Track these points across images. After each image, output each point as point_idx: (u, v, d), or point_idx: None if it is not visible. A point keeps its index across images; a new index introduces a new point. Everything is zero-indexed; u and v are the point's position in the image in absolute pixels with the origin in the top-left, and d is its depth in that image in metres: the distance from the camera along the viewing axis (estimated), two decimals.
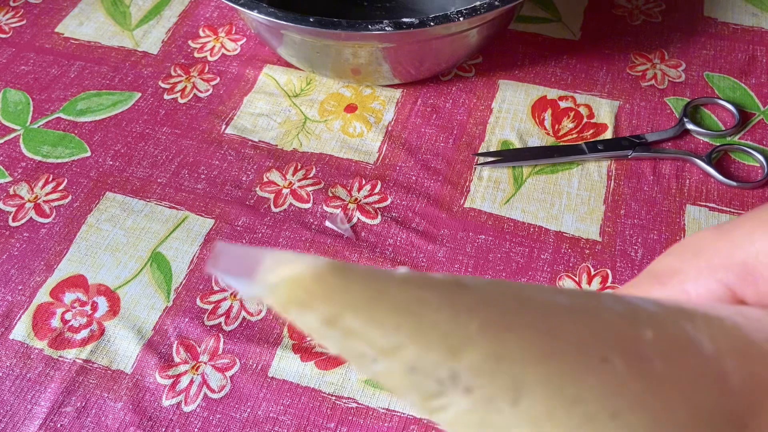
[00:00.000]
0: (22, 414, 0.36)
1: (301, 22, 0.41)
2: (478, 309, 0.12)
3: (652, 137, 0.46)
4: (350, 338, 0.12)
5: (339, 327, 0.12)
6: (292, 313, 0.12)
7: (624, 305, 0.14)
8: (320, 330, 0.12)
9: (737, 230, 0.17)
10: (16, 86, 0.51)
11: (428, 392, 0.12)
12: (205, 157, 0.46)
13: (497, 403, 0.12)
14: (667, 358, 0.13)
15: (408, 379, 0.12)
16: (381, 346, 0.12)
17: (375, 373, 0.12)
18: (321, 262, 0.12)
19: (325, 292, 0.12)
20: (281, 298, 0.12)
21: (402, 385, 0.12)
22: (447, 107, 0.49)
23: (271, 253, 0.12)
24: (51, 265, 0.41)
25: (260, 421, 0.35)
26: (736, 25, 0.53)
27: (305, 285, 0.12)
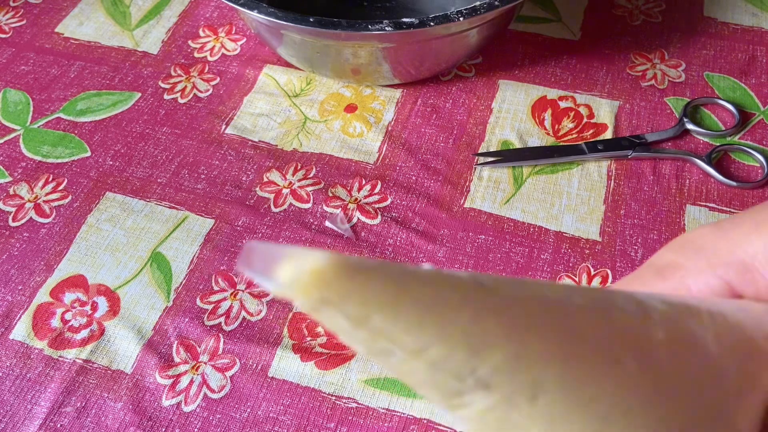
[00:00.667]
0: (22, 414, 0.36)
1: (301, 22, 0.41)
2: (499, 309, 0.13)
3: (652, 137, 0.46)
4: (378, 338, 0.12)
5: (367, 327, 0.12)
6: (322, 313, 0.12)
7: (635, 305, 0.14)
8: (349, 330, 0.12)
9: (736, 230, 0.18)
10: (16, 86, 0.51)
11: (450, 390, 0.13)
12: (205, 157, 0.46)
13: (516, 401, 0.13)
14: (675, 358, 0.14)
15: (431, 377, 0.13)
16: (407, 345, 0.12)
17: (400, 372, 0.13)
18: (343, 259, 0.12)
19: (352, 290, 0.12)
20: (307, 296, 0.12)
21: (425, 382, 0.13)
22: (447, 107, 0.49)
23: (297, 250, 0.12)
24: (51, 265, 0.41)
25: (260, 421, 0.35)
26: (736, 25, 0.53)
27: (330, 283, 0.12)
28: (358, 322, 0.12)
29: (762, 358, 0.16)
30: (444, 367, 0.12)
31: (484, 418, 0.13)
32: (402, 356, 0.12)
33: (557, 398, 0.13)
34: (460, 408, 0.13)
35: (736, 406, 0.15)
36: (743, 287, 0.17)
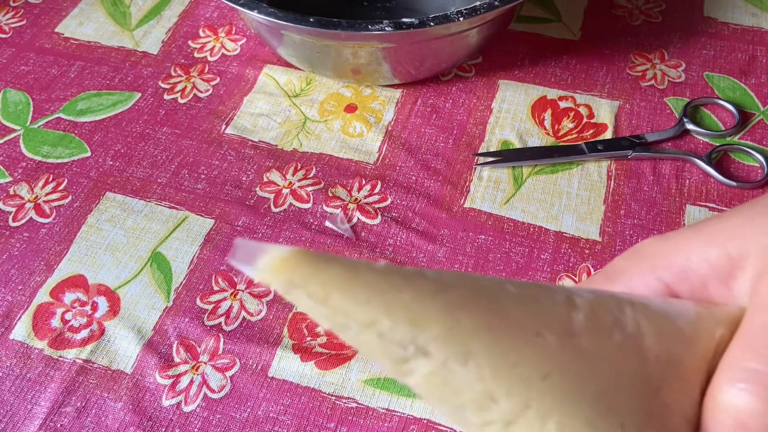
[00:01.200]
0: (22, 414, 0.36)
1: (301, 22, 0.41)
2: (436, 292, 0.16)
3: (651, 137, 0.46)
4: (337, 314, 0.15)
5: (328, 305, 0.15)
6: (292, 294, 0.15)
7: (563, 293, 0.18)
8: (314, 308, 0.15)
9: (678, 237, 0.20)
10: (16, 86, 0.51)
11: (397, 357, 0.16)
12: (205, 157, 0.46)
13: (451, 366, 0.15)
14: (592, 334, 0.17)
15: (381, 346, 0.15)
16: (360, 319, 0.15)
17: (357, 343, 0.16)
18: (306, 251, 0.15)
19: (313, 274, 0.15)
20: (278, 279, 0.15)
21: (377, 352, 0.16)
22: (447, 107, 0.49)
23: (272, 245, 0.15)
24: (51, 265, 0.41)
25: (260, 421, 0.35)
26: (736, 25, 0.53)
27: (295, 269, 0.15)
28: (320, 300, 0.15)
29: (684, 339, 0.18)
30: (390, 338, 0.15)
31: (428, 382, 0.16)
32: (357, 329, 0.15)
33: (484, 362, 0.16)
34: (408, 375, 0.16)
35: (660, 380, 0.17)
36: (679, 287, 0.20)
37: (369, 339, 0.16)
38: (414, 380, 0.16)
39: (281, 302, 0.39)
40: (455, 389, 0.16)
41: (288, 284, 0.15)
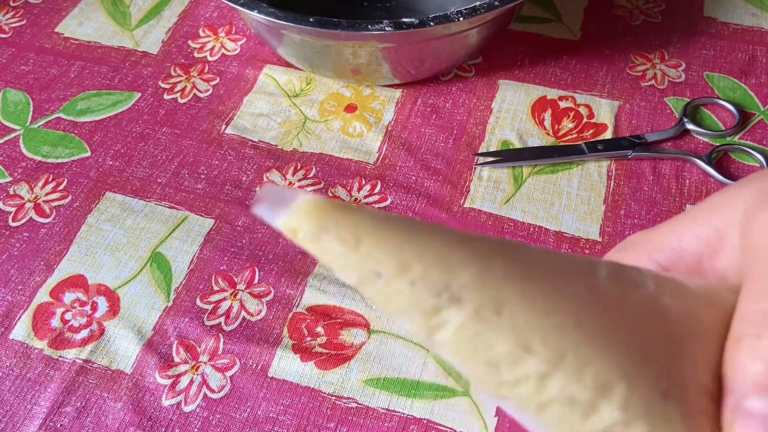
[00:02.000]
0: (21, 414, 0.36)
1: (300, 22, 0.41)
2: (466, 240, 0.16)
3: (651, 137, 0.46)
4: (367, 260, 0.15)
5: (359, 251, 0.15)
6: (321, 241, 0.15)
7: (583, 257, 0.18)
8: (343, 255, 0.15)
9: (666, 224, 0.21)
10: (16, 86, 0.51)
11: (428, 308, 0.15)
12: (205, 157, 0.46)
13: (484, 314, 0.15)
14: (617, 288, 0.17)
15: (413, 296, 0.15)
16: (391, 265, 0.15)
17: (387, 295, 0.15)
18: (337, 201, 0.15)
19: (344, 219, 0.15)
20: (309, 222, 0.15)
21: (407, 305, 0.15)
22: (447, 107, 0.49)
23: (302, 191, 0.16)
24: (51, 265, 0.41)
25: (260, 421, 0.35)
26: (736, 25, 0.53)
27: (328, 212, 0.15)
28: (351, 246, 0.15)
29: (700, 300, 0.18)
30: (422, 285, 0.15)
31: (458, 336, 0.15)
32: (387, 277, 0.15)
33: (518, 311, 0.15)
34: (438, 329, 0.15)
35: (683, 336, 0.17)
36: (675, 267, 0.21)
37: (400, 288, 0.15)
38: (444, 336, 0.15)
39: (281, 302, 0.39)
40: (488, 342, 0.15)
41: (319, 228, 0.15)
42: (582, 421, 0.15)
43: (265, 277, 0.40)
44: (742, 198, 0.19)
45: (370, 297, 0.16)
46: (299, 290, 0.39)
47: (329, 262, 0.16)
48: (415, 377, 0.36)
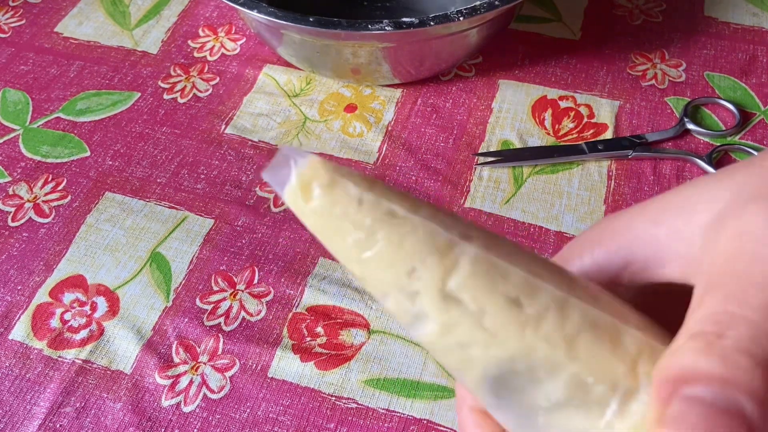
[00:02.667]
0: (21, 414, 0.35)
1: (300, 22, 0.41)
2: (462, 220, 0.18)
3: (652, 137, 0.46)
4: (382, 198, 0.17)
5: (375, 190, 0.17)
6: (336, 187, 0.16)
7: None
8: (359, 197, 0.17)
9: (622, 218, 0.21)
10: (16, 86, 0.51)
11: (443, 244, 0.17)
12: (204, 157, 0.46)
13: (492, 247, 0.17)
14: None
15: (426, 231, 0.17)
16: (404, 204, 0.17)
17: (400, 234, 0.16)
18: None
19: (351, 173, 0.17)
20: (327, 169, 0.16)
21: (422, 241, 0.16)
22: (447, 107, 0.48)
23: (305, 152, 0.17)
24: (50, 265, 0.41)
25: (260, 421, 0.35)
26: (737, 24, 0.53)
27: (340, 168, 0.16)
28: (366, 187, 0.17)
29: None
30: (434, 221, 0.17)
31: (476, 270, 0.17)
32: (402, 215, 0.17)
33: (513, 251, 0.17)
34: (455, 269, 0.16)
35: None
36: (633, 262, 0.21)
37: (414, 224, 0.16)
38: (462, 273, 0.16)
39: (281, 302, 0.39)
40: (504, 272, 0.17)
41: (336, 173, 0.17)
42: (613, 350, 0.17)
43: (265, 277, 0.40)
44: (712, 200, 0.18)
45: (382, 240, 0.16)
46: (299, 290, 0.39)
47: (341, 211, 0.17)
48: (415, 377, 0.36)
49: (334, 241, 0.18)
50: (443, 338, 0.17)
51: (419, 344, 0.18)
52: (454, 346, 0.17)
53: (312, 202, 0.17)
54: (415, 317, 0.17)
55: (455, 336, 0.17)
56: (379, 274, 0.17)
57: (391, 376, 0.36)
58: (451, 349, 0.17)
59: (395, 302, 0.17)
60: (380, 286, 0.17)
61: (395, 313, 0.18)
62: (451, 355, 0.17)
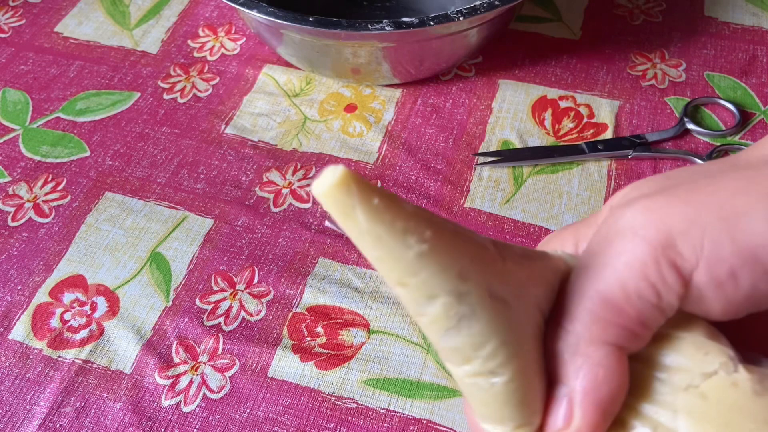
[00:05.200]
0: (21, 414, 0.35)
1: (300, 22, 0.41)
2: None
3: (652, 137, 0.46)
4: (419, 209, 0.17)
5: (411, 207, 0.17)
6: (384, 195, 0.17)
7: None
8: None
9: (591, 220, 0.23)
10: (16, 86, 0.51)
11: None
12: (204, 157, 0.46)
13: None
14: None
15: (469, 235, 0.18)
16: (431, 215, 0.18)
17: (447, 237, 0.17)
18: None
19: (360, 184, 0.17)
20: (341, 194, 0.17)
21: (464, 243, 0.18)
22: (447, 107, 0.48)
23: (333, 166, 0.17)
24: (50, 265, 0.41)
25: (260, 421, 0.35)
26: (737, 24, 0.53)
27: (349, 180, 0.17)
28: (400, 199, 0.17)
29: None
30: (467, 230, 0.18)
31: (516, 271, 0.19)
32: (439, 221, 0.18)
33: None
34: (502, 272, 0.18)
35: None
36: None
37: (455, 229, 0.18)
38: (508, 273, 0.18)
39: (281, 302, 0.39)
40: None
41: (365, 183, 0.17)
42: None
43: (265, 277, 0.40)
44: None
45: (431, 241, 0.17)
46: (299, 290, 0.39)
47: (391, 217, 0.17)
48: (415, 377, 0.36)
49: (384, 246, 0.18)
50: (488, 337, 0.18)
51: (450, 350, 0.19)
52: (499, 344, 0.18)
53: (365, 206, 0.17)
54: (461, 318, 0.18)
55: (501, 334, 0.18)
56: (429, 278, 0.17)
57: (391, 376, 0.36)
58: (494, 348, 0.18)
59: (443, 305, 0.17)
60: (430, 290, 0.17)
61: (437, 319, 0.18)
62: (491, 355, 0.18)
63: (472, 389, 0.19)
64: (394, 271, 0.17)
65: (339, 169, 0.16)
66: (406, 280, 0.17)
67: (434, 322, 0.18)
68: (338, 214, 0.18)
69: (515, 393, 0.19)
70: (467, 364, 0.18)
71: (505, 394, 0.18)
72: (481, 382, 0.18)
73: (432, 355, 0.37)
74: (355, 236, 0.18)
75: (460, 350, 0.18)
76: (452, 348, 0.18)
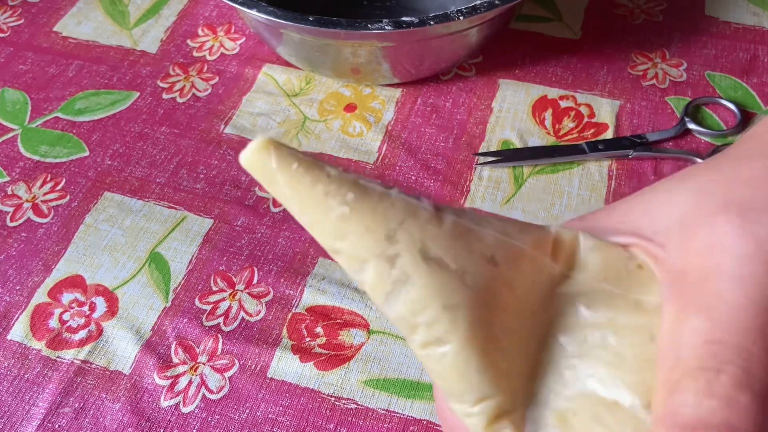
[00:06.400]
0: (20, 415, 0.35)
1: (300, 21, 0.41)
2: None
3: (653, 137, 0.46)
4: (347, 173, 0.18)
5: (335, 171, 0.18)
6: (303, 159, 0.17)
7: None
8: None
9: (595, 218, 0.22)
10: (14, 85, 0.50)
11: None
12: (203, 157, 0.46)
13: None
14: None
15: (399, 198, 0.18)
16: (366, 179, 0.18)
17: (372, 201, 0.17)
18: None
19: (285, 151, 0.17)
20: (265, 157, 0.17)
21: (392, 206, 0.17)
22: (447, 107, 0.48)
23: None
24: (49, 265, 0.41)
25: (259, 422, 0.35)
26: (738, 24, 0.53)
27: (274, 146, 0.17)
28: (321, 162, 0.18)
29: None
30: (401, 194, 0.18)
31: (452, 233, 0.18)
32: (365, 183, 0.18)
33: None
34: (434, 233, 0.18)
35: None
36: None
37: (384, 193, 0.18)
38: (441, 234, 0.18)
39: (280, 302, 0.39)
40: (477, 235, 0.18)
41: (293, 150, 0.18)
42: None
43: (264, 277, 0.40)
44: (676, 204, 0.19)
45: (354, 204, 0.17)
46: (298, 290, 0.39)
47: (312, 179, 0.17)
48: (415, 378, 0.36)
49: (308, 211, 0.18)
50: (427, 302, 0.17)
51: (396, 319, 0.18)
52: (440, 309, 0.17)
53: (284, 171, 0.17)
54: (395, 283, 0.17)
55: (440, 298, 0.17)
56: (356, 241, 0.17)
57: (391, 377, 0.36)
58: (436, 313, 0.17)
59: (375, 269, 0.17)
60: (359, 253, 0.17)
61: (374, 285, 0.17)
62: (435, 321, 0.17)
63: (429, 362, 0.18)
64: (325, 237, 0.17)
65: (260, 138, 0.16)
66: (337, 246, 0.17)
67: (372, 289, 0.17)
68: (263, 180, 0.17)
69: (469, 362, 0.17)
70: (414, 334, 0.17)
71: (458, 363, 0.17)
72: (432, 352, 0.17)
73: None
74: (284, 203, 0.18)
75: (404, 318, 0.17)
76: (396, 317, 0.17)
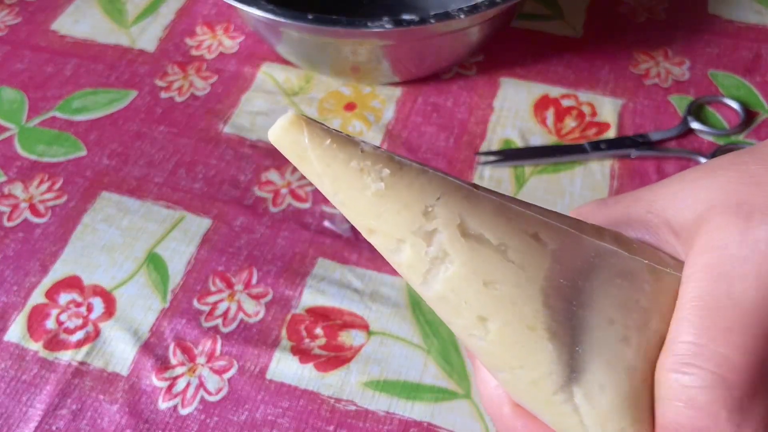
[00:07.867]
0: (17, 416, 0.35)
1: (299, 20, 0.41)
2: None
3: (655, 136, 0.45)
4: (380, 149, 0.17)
5: (369, 146, 0.17)
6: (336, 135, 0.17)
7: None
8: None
9: (619, 203, 0.23)
10: (12, 84, 0.50)
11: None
12: (202, 157, 0.46)
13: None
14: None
15: (436, 174, 0.17)
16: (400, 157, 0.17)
17: (409, 175, 0.17)
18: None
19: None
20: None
21: (429, 182, 0.17)
22: (448, 106, 0.48)
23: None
24: (46, 265, 0.40)
25: (258, 424, 0.35)
26: (741, 22, 0.53)
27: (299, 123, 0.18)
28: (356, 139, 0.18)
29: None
30: (434, 171, 0.18)
31: (493, 210, 0.18)
32: (401, 160, 0.18)
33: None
34: (473, 209, 0.17)
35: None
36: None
37: (419, 169, 0.17)
38: (481, 210, 0.18)
39: (279, 303, 0.39)
40: (518, 213, 0.18)
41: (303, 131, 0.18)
42: None
43: (264, 277, 0.40)
44: (700, 201, 0.19)
45: (390, 179, 0.16)
46: (298, 291, 0.39)
47: (346, 156, 0.17)
48: (415, 380, 0.36)
49: (342, 188, 0.17)
50: (467, 279, 0.16)
51: (435, 300, 0.17)
52: (480, 286, 0.16)
53: (317, 147, 0.16)
54: (433, 261, 0.16)
55: (481, 274, 0.16)
56: (392, 218, 0.16)
57: (391, 378, 0.36)
58: (476, 291, 0.16)
59: (411, 247, 0.16)
60: (395, 231, 0.16)
61: (411, 264, 0.16)
62: (475, 299, 0.16)
63: (472, 342, 0.17)
64: (359, 215, 0.17)
65: (290, 114, 0.16)
66: (372, 224, 0.16)
67: (409, 268, 0.17)
68: (293, 157, 0.18)
69: (512, 336, 0.17)
70: (458, 318, 0.17)
71: (501, 341, 0.17)
72: (476, 332, 0.17)
73: (433, 356, 0.36)
74: (315, 181, 0.17)
75: (444, 298, 0.17)
76: (435, 296, 0.17)
